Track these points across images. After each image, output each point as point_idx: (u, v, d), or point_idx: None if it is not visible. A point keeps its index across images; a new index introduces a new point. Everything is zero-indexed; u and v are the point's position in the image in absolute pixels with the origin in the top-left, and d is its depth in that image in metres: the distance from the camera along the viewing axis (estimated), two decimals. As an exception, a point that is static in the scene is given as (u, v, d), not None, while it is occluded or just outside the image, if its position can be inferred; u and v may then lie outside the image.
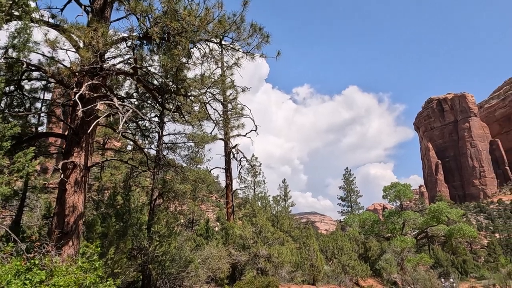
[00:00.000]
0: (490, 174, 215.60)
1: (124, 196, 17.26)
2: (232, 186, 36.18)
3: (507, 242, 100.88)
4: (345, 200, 63.39)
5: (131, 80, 14.58)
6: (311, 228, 34.31)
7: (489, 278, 57.11)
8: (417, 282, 31.96)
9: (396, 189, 47.24)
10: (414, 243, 44.82)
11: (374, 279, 43.06)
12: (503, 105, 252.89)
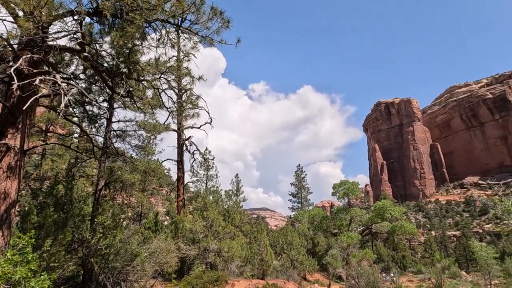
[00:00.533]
0: (429, 176, 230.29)
1: (66, 185, 16.06)
2: (183, 179, 35.34)
3: (441, 239, 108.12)
4: (295, 197, 64.52)
5: (79, 60, 13.50)
6: (262, 223, 34.42)
7: (425, 273, 60.92)
8: (361, 276, 33.07)
9: (345, 186, 48.82)
10: (359, 239, 46.61)
11: (321, 273, 44.22)
12: (444, 112, 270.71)
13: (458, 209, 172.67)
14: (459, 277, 55.74)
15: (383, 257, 65.43)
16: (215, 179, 47.59)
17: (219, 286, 22.76)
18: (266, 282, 23.14)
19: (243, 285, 24.11)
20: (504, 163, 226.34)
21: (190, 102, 20.45)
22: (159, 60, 12.69)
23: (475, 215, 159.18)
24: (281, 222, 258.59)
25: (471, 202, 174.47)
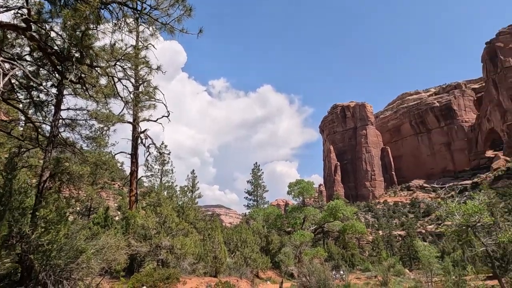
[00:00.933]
0: (379, 178, 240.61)
1: (6, 176, 14.81)
2: (137, 173, 34.10)
3: (388, 238, 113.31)
4: (251, 194, 64.66)
5: (25, 40, 12.44)
6: (217, 220, 34.06)
7: (372, 270, 63.44)
8: (312, 274, 33.67)
9: (300, 185, 49.61)
10: (312, 237, 47.55)
11: (273, 271, 44.62)
12: (395, 117, 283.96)
13: (404, 210, 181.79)
14: (403, 274, 58.57)
15: (334, 255, 67.34)
16: (170, 174, 46.48)
17: (170, 284, 22.18)
18: (218, 280, 22.88)
19: (195, 283, 23.68)
20: (447, 168, 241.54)
21: (147, 93, 19.54)
22: (115, 46, 11.99)
23: (419, 216, 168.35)
24: (236, 220, 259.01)
25: (416, 204, 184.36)
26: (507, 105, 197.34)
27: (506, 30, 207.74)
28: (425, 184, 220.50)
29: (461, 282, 32.92)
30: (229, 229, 52.23)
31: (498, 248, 23.15)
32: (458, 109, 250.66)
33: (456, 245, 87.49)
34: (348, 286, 34.22)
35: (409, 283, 42.18)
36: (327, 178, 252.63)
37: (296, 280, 40.27)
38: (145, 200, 43.63)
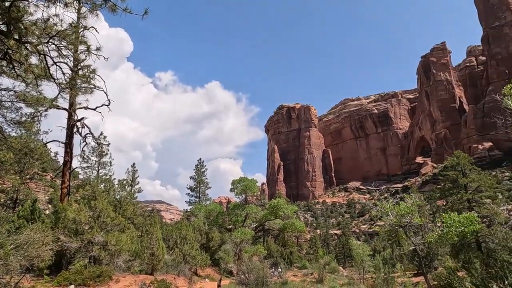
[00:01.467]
0: (319, 179, 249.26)
1: None
2: (71, 164, 31.90)
3: (325, 237, 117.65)
4: (194, 191, 63.59)
5: None
6: (156, 216, 32.88)
7: (308, 268, 65.34)
8: (251, 271, 33.76)
9: (243, 183, 49.64)
10: (252, 235, 47.79)
11: (213, 268, 44.17)
12: (337, 121, 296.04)
13: (341, 210, 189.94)
14: (337, 272, 60.93)
15: (273, 253, 68.39)
16: (108, 167, 44.21)
17: (101, 282, 20.93)
18: (154, 278, 21.99)
19: (129, 281, 22.58)
20: (381, 171, 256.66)
21: (84, 76, 18.11)
22: (49, 22, 10.88)
23: (354, 216, 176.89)
24: (176, 216, 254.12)
25: (352, 204, 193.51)
26: (436, 115, 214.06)
27: (439, 46, 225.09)
28: (361, 186, 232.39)
29: (390, 279, 34.89)
30: (169, 225, 50.81)
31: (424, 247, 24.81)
32: (394, 116, 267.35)
33: (386, 244, 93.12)
34: (285, 283, 34.75)
35: (343, 280, 43.96)
36: (270, 177, 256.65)
37: (235, 278, 40.21)
38: (79, 193, 41.02)
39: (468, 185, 51.02)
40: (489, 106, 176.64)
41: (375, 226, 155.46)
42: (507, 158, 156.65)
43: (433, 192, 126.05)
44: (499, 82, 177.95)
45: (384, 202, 23.17)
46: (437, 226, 31.03)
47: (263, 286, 31.96)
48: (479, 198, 51.14)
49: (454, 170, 53.22)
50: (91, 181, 40.46)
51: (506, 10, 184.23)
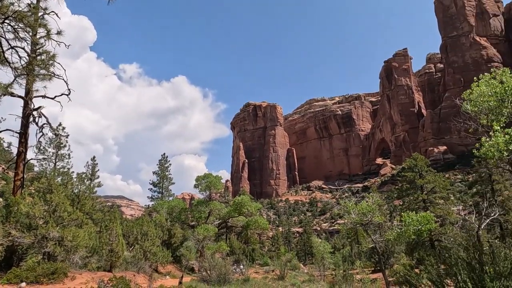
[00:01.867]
0: (283, 177, 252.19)
1: None
2: (25, 155, 30.13)
3: (287, 234, 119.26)
4: (157, 186, 62.22)
5: None
6: (117, 211, 31.84)
7: (270, 265, 65.91)
8: (213, 268, 33.59)
9: (208, 179, 49.19)
10: (216, 232, 47.48)
11: (174, 265, 43.47)
12: (302, 121, 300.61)
13: (303, 209, 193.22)
14: (298, 269, 61.92)
15: (235, 250, 68.37)
16: (66, 159, 42.28)
17: (56, 280, 19.97)
18: (113, 275, 21.26)
19: (86, 278, 21.70)
20: (343, 171, 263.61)
21: (43, 62, 17.02)
22: (4, 1, 10.12)
23: (316, 215, 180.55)
24: (137, 212, 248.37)
25: (314, 203, 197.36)
26: (396, 119, 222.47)
27: (401, 52, 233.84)
28: (324, 185, 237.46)
29: (349, 276, 35.79)
30: (129, 221, 49.44)
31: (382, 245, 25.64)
32: (357, 118, 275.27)
33: (345, 242, 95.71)
34: (247, 280, 34.82)
35: (304, 277, 44.68)
36: (235, 174, 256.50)
37: (196, 275, 39.81)
38: (34, 186, 38.98)
39: (424, 186, 53.41)
40: (445, 112, 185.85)
41: (336, 225, 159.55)
42: (459, 161, 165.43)
43: (391, 192, 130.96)
44: (454, 89, 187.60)
45: (347, 201, 23.79)
46: (394, 225, 32.31)
47: (225, 283, 31.88)
48: (433, 199, 53.69)
49: (412, 171, 55.53)
50: (47, 174, 38.55)
51: (464, 21, 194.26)
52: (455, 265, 11.33)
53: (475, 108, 12.07)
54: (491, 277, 10.66)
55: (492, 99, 11.70)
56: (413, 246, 43.98)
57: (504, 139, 10.21)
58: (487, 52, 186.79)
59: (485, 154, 10.75)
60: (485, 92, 11.77)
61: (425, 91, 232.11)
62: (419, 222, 20.29)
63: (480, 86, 12.21)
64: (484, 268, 11.18)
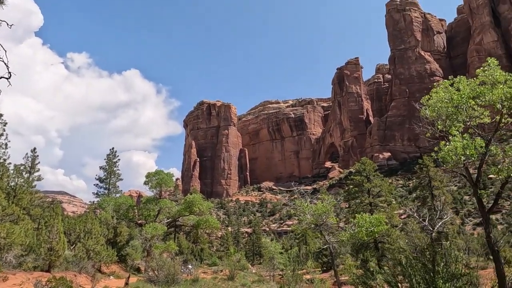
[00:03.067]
0: (234, 177, 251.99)
1: None
2: (-46, 143, 27.19)
3: (236, 234, 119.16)
4: (103, 182, 59.12)
5: None
6: (59, 207, 29.64)
7: (218, 265, 65.33)
8: (161, 268, 32.41)
9: (159, 177, 47.59)
10: (165, 230, 46.04)
11: (119, 265, 41.51)
12: (255, 122, 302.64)
13: (253, 209, 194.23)
14: (247, 269, 61.94)
15: (183, 250, 66.95)
16: (3, 149, 38.69)
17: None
18: (52, 275, 19.62)
19: (21, 279, 19.84)
20: (293, 173, 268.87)
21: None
22: None
23: (265, 215, 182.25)
24: (80, 209, 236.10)
25: (264, 204, 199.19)
26: (346, 124, 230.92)
27: (353, 61, 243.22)
28: (274, 187, 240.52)
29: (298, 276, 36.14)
30: (71, 218, 46.45)
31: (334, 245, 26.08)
32: (309, 122, 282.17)
33: (293, 243, 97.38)
34: (196, 280, 34.01)
35: (253, 277, 44.61)
36: (185, 172, 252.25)
37: (143, 275, 38.25)
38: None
39: (371, 190, 55.61)
40: (391, 120, 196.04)
41: (284, 225, 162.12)
42: (401, 167, 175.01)
43: (338, 195, 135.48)
44: (400, 99, 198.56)
45: (303, 201, 23.96)
46: (347, 226, 33.16)
47: (173, 284, 30.85)
48: (379, 202, 56.06)
49: (360, 175, 57.59)
50: (-21, 164, 35.00)
51: (411, 36, 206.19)
52: (410, 266, 11.57)
53: (433, 113, 12.44)
54: (444, 279, 11.00)
55: (450, 105, 12.12)
56: (358, 248, 45.45)
57: (462, 144, 10.59)
58: (430, 66, 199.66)
59: (443, 158, 11.11)
60: (444, 98, 12.18)
61: (373, 99, 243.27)
62: (371, 223, 20.89)
63: (438, 93, 12.62)
64: (436, 269, 11.53)
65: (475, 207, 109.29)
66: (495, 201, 11.69)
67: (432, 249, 11.17)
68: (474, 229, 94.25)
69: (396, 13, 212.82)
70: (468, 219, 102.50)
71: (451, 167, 11.44)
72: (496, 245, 10.54)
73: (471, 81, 11.99)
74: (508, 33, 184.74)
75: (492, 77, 11.22)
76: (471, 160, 11.02)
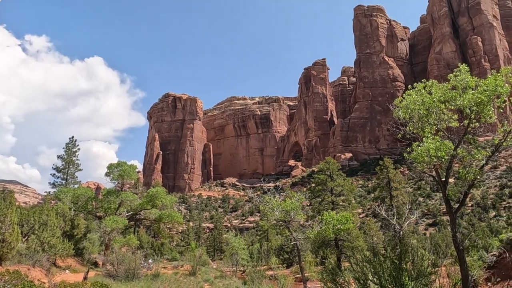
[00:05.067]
0: (198, 172, 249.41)
1: None
2: None
3: (197, 230, 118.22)
4: (61, 172, 56.40)
5: None
6: (12, 196, 27.89)
7: (179, 260, 64.45)
8: (122, 262, 31.41)
9: (121, 168, 46.08)
10: (126, 224, 44.67)
11: (75, 259, 39.86)
12: (221, 117, 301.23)
13: (215, 205, 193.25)
14: (208, 264, 61.54)
15: (143, 244, 65.41)
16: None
17: None
18: (5, 269, 18.37)
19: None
20: (257, 170, 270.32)
21: None
22: None
23: (227, 211, 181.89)
24: (33, 200, 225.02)
25: (227, 199, 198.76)
26: (310, 124, 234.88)
27: (320, 62, 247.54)
28: (237, 183, 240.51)
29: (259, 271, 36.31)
30: (24, 209, 43.97)
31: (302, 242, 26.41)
32: (274, 120, 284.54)
33: (254, 239, 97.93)
34: (157, 275, 33.26)
35: (215, 273, 44.32)
36: (147, 165, 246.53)
37: (101, 269, 36.93)
38: None
39: (334, 189, 56.89)
40: (353, 122, 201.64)
41: (246, 222, 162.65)
42: (362, 168, 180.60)
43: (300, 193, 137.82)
44: (363, 102, 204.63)
45: (272, 198, 24.01)
46: (301, 225, 33.69)
47: (134, 279, 29.98)
48: (340, 201, 57.47)
49: (324, 174, 58.76)
50: None
51: (376, 41, 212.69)
52: (379, 263, 11.80)
53: (406, 115, 12.77)
54: (410, 276, 11.31)
55: (422, 108, 12.47)
56: (319, 245, 46.36)
57: (435, 146, 10.93)
58: (393, 72, 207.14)
59: (415, 158, 11.43)
60: (416, 100, 12.52)
61: (338, 100, 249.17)
62: (338, 221, 21.29)
63: (411, 95, 12.96)
64: (403, 266, 11.84)
65: (428, 208, 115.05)
66: (462, 202, 12.20)
67: (401, 247, 11.43)
68: (427, 229, 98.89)
69: (363, 18, 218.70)
70: (421, 220, 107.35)
71: (422, 168, 11.81)
72: (461, 244, 11.02)
73: (443, 85, 12.41)
74: (465, 44, 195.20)
75: (463, 82, 11.69)
76: (442, 162, 11.43)
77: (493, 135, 18.67)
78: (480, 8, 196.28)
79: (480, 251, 24.88)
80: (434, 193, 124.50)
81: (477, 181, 12.02)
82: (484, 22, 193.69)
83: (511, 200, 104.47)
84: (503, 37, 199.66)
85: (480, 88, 11.35)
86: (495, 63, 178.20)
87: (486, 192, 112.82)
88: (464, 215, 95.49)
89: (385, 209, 49.35)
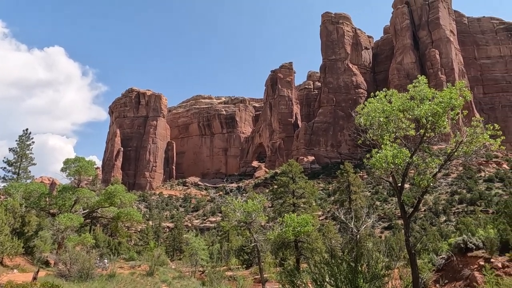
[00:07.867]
0: (160, 170, 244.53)
1: None
2: None
3: (156, 229, 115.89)
4: (12, 165, 53.32)
5: None
6: (-44, 189, 25.99)
7: (136, 259, 62.85)
8: (75, 262, 30.20)
9: (79, 164, 44.28)
10: (81, 222, 42.97)
11: (24, 257, 37.87)
12: (186, 116, 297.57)
13: (176, 204, 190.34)
14: (166, 264, 60.49)
15: (99, 243, 63.16)
16: None
17: None
18: None
19: None
20: (220, 170, 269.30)
21: None
22: None
23: (189, 211, 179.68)
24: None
25: (189, 199, 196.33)
26: (275, 126, 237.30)
27: (286, 65, 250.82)
28: (200, 182, 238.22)
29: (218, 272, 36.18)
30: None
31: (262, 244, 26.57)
32: (239, 120, 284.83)
33: (215, 239, 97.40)
34: (113, 275, 32.27)
35: (173, 273, 43.62)
36: (107, 162, 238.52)
37: (52, 269, 35.29)
38: None
39: (295, 191, 57.72)
40: (317, 126, 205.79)
41: (207, 222, 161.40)
42: (323, 171, 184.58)
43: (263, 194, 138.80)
44: (327, 106, 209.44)
45: (234, 199, 23.96)
46: (262, 226, 33.98)
47: (87, 279, 28.90)
48: (301, 203, 58.40)
49: (286, 176, 59.49)
50: None
51: (341, 48, 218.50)
52: (336, 265, 12.11)
53: (367, 122, 13.21)
54: (365, 279, 11.68)
55: (382, 116, 12.95)
56: (279, 246, 46.86)
57: (392, 153, 11.39)
58: (357, 79, 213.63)
59: (374, 164, 11.84)
60: (377, 108, 12.98)
61: (302, 104, 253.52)
62: (299, 223, 21.62)
63: (372, 103, 13.42)
64: (359, 269, 12.21)
65: (385, 212, 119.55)
66: (415, 207, 12.79)
67: (357, 250, 11.79)
68: (382, 232, 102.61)
69: (330, 25, 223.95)
70: (378, 223, 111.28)
71: (380, 173, 12.27)
72: (413, 248, 11.56)
73: (402, 94, 12.96)
74: (424, 56, 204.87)
75: (421, 93, 12.28)
76: (399, 168, 11.93)
77: (446, 144, 19.72)
78: (439, 23, 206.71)
79: (431, 254, 26.17)
80: (390, 197, 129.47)
81: (430, 188, 12.63)
82: (442, 36, 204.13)
83: (461, 206, 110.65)
84: (459, 51, 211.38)
85: (436, 100, 11.97)
86: (451, 75, 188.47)
87: (438, 198, 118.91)
88: (417, 220, 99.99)
89: (344, 212, 50.80)
